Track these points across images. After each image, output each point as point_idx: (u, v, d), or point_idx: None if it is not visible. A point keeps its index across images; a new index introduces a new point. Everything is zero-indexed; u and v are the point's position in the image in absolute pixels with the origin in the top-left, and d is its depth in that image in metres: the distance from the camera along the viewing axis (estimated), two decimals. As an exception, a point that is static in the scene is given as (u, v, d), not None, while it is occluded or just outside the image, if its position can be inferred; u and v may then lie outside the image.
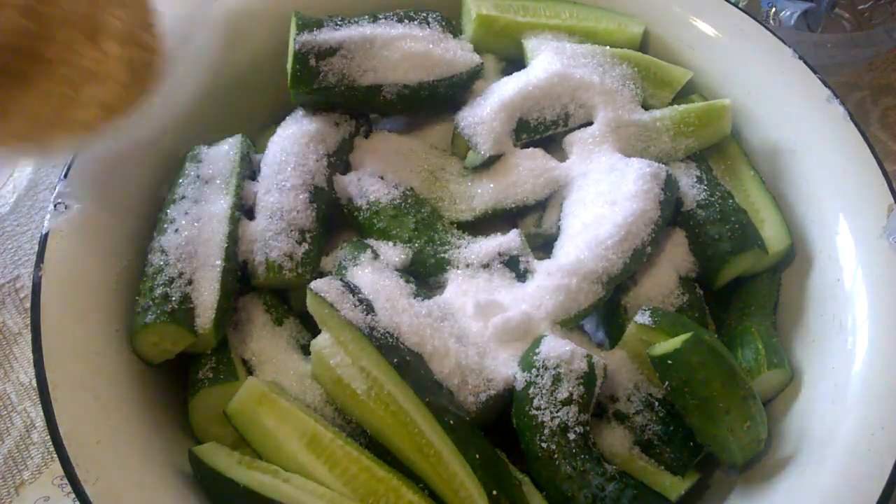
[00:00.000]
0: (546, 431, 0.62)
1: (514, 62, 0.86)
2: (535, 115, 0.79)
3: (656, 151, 0.79)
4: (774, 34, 0.82)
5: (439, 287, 0.73)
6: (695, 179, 0.78)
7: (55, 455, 0.58)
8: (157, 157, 0.78)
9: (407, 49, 0.78)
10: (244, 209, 0.76)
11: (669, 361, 0.62)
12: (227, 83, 0.85)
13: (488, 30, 0.86)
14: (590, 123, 0.79)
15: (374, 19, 0.81)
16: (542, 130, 0.79)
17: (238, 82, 0.86)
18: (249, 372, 0.70)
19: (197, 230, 0.71)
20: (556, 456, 0.61)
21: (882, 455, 0.58)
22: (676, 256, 0.74)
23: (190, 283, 0.68)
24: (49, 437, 0.59)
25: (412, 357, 0.64)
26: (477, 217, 0.77)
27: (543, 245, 0.77)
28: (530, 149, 0.78)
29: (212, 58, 0.72)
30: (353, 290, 0.66)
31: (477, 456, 0.60)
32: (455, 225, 0.77)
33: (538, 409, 0.62)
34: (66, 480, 0.61)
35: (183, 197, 0.73)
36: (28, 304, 0.86)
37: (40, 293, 0.64)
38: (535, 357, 0.64)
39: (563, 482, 0.61)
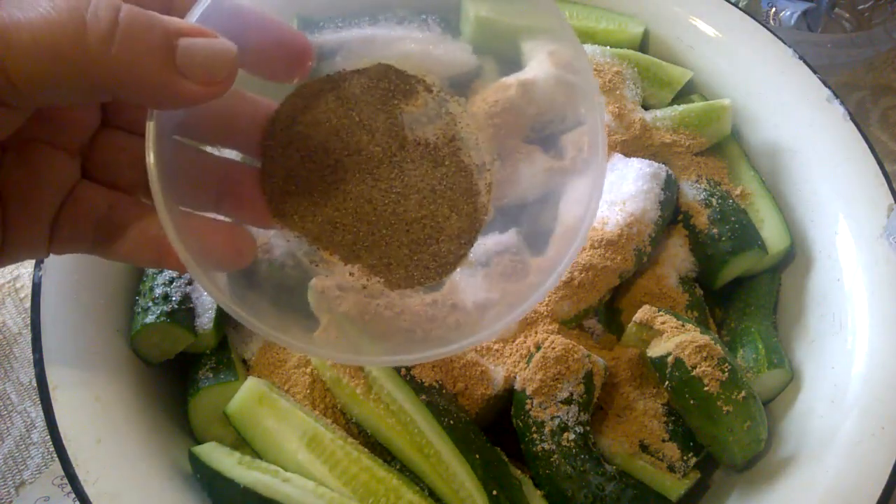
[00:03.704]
0: (546, 431, 0.62)
1: (513, 63, 0.86)
2: (534, 114, 0.79)
3: (656, 151, 0.79)
4: (774, 34, 0.81)
5: (438, 286, 0.73)
6: (695, 179, 0.78)
7: (55, 455, 0.58)
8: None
9: (407, 50, 0.78)
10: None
11: (668, 362, 0.62)
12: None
13: (487, 31, 0.86)
14: (590, 123, 0.79)
15: (375, 21, 0.81)
16: (540, 130, 0.79)
17: (238, 83, 0.86)
18: (249, 372, 0.70)
19: (197, 230, 0.71)
20: (555, 456, 0.61)
21: (882, 455, 0.58)
22: (676, 256, 0.74)
23: (190, 282, 0.68)
24: (49, 436, 0.59)
25: (412, 357, 0.64)
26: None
27: (543, 245, 0.77)
28: (528, 148, 0.78)
29: None
30: (353, 290, 0.66)
31: (477, 456, 0.60)
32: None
33: (538, 408, 0.62)
34: (66, 480, 0.61)
35: (183, 197, 0.74)
36: (28, 304, 0.86)
37: (40, 293, 0.64)
38: (534, 356, 0.64)
39: (562, 482, 0.61)
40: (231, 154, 0.53)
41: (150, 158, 0.40)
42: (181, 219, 0.42)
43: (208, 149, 0.50)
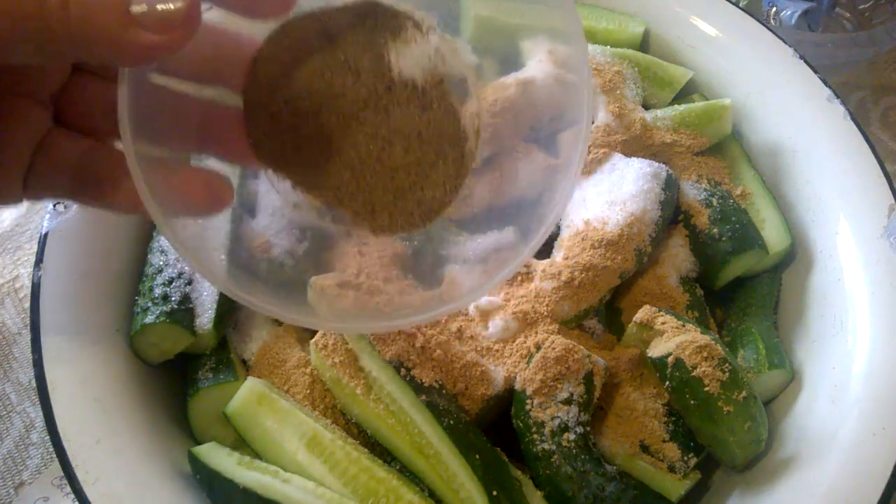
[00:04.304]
0: (546, 431, 0.62)
1: (513, 62, 0.86)
2: (533, 114, 0.79)
3: (656, 151, 0.79)
4: (775, 34, 0.81)
5: (438, 285, 0.73)
6: (695, 179, 0.78)
7: (54, 455, 0.58)
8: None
9: (407, 49, 0.78)
10: (246, 207, 0.76)
11: (669, 362, 0.62)
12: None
13: (486, 30, 0.86)
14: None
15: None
16: (540, 129, 0.79)
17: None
18: (249, 372, 0.69)
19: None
20: (555, 456, 0.61)
21: (883, 455, 0.58)
22: (677, 256, 0.74)
23: (189, 283, 0.68)
24: (48, 437, 0.59)
25: (412, 357, 0.64)
26: (474, 214, 0.77)
27: (542, 244, 0.77)
28: (527, 147, 0.78)
29: None
30: (352, 289, 0.65)
31: (477, 456, 0.60)
32: (453, 222, 0.77)
33: (538, 409, 0.62)
34: (65, 481, 0.61)
35: (183, 197, 0.73)
36: (27, 304, 0.86)
37: (40, 293, 0.64)
38: (535, 357, 0.64)
39: (563, 482, 0.61)
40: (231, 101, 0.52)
41: (123, 108, 0.39)
42: (154, 166, 0.41)
43: (193, 89, 0.49)
